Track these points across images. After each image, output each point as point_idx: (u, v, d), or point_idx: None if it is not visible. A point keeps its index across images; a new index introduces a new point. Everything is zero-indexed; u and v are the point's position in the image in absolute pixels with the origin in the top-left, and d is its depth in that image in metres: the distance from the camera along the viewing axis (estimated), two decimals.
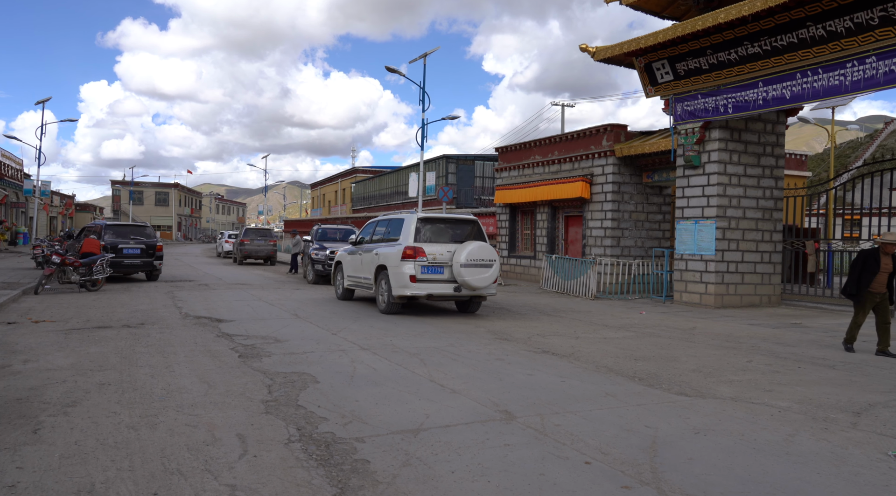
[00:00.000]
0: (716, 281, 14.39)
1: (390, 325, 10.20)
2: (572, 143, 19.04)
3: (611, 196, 17.65)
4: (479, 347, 8.32)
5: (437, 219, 11.61)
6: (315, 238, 19.97)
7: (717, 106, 14.09)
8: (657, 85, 15.46)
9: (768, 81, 12.98)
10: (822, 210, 18.41)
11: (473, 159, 36.15)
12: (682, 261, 15.19)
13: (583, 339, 9.27)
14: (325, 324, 10.23)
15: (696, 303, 14.67)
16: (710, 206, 14.56)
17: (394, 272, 11.29)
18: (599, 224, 18.00)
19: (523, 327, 10.41)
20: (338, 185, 64.51)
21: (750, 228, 14.78)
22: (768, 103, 13.06)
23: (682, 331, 10.38)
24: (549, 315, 12.33)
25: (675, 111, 15.13)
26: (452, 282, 11.24)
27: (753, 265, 14.84)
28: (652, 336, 9.82)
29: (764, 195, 14.98)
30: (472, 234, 11.69)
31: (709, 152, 14.61)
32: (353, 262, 13.41)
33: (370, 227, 13.32)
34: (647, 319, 11.99)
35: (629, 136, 17.86)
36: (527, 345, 8.56)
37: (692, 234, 14.98)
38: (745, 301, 14.74)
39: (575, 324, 11.08)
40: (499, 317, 11.68)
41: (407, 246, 11.14)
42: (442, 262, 11.22)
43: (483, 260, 11.12)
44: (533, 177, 20.60)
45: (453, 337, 9.17)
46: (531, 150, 20.85)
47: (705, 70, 14.16)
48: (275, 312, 11.59)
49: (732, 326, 11.20)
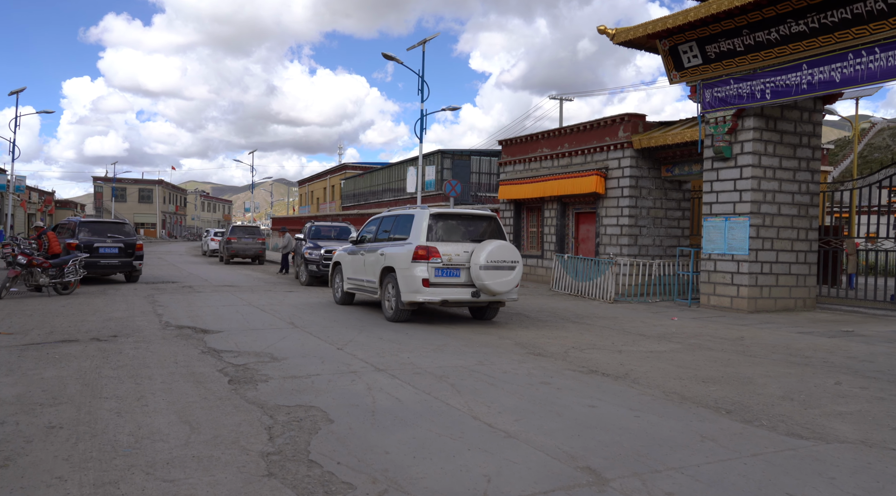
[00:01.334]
0: (749, 283, 13.19)
1: (402, 337, 8.88)
2: (584, 135, 17.78)
3: (628, 191, 16.42)
4: (514, 366, 7.02)
5: (452, 214, 10.30)
6: (308, 236, 18.58)
7: (753, 91, 12.88)
8: (683, 69, 14.23)
9: (814, 63, 11.77)
10: (845, 208, 17.21)
11: (469, 154, 34.87)
12: (711, 261, 13.98)
13: (627, 354, 8.00)
14: (326, 335, 8.89)
15: (727, 308, 13.47)
16: (742, 202, 13.35)
17: (403, 275, 9.96)
18: (615, 221, 16.76)
19: (553, 338, 9.13)
20: (327, 182, 62.99)
21: (785, 226, 13.60)
22: (814, 88, 11.86)
23: (731, 342, 9.15)
24: (573, 322, 11.06)
25: (704, 98, 13.90)
26: (470, 287, 9.93)
27: (788, 266, 13.66)
28: (702, 348, 8.57)
29: (800, 189, 13.80)
30: (490, 231, 10.38)
31: (741, 143, 13.40)
32: (354, 263, 12.06)
33: (373, 224, 11.97)
34: (682, 327, 10.76)
35: (647, 126, 16.64)
36: (568, 363, 7.27)
37: (722, 232, 13.77)
38: (780, 305, 13.56)
39: (607, 333, 9.82)
40: (520, 326, 10.40)
41: (418, 245, 9.81)
42: (458, 264, 9.91)
43: (505, 261, 9.82)
44: (540, 171, 19.33)
45: (479, 352, 7.86)
46: (538, 143, 19.58)
47: (740, 52, 12.94)
48: (268, 320, 10.23)
49: (782, 335, 9.99)
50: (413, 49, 21.80)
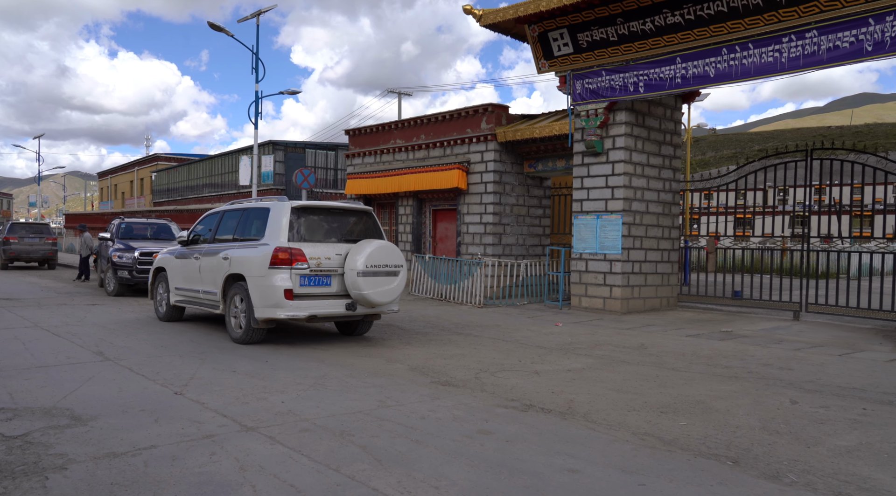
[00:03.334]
0: (622, 283, 12.69)
1: (262, 367, 6.78)
2: (444, 126, 16.50)
3: (492, 187, 15.40)
4: (429, 405, 5.34)
5: (319, 208, 8.32)
6: (116, 235, 15.25)
7: (626, 84, 12.36)
8: (552, 58, 13.42)
9: (689, 57, 11.44)
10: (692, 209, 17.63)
11: (304, 147, 32.30)
12: (582, 261, 13.33)
13: (547, 375, 6.67)
14: (155, 370, 6.53)
15: (600, 309, 12.88)
16: (615, 199, 12.82)
17: (258, 285, 7.81)
18: (478, 219, 15.67)
19: (448, 358, 7.57)
20: (134, 175, 56.13)
21: (652, 224, 13.33)
22: (688, 82, 11.53)
23: (638, 352, 8.24)
24: (456, 333, 9.62)
25: (574, 89, 13.20)
26: (343, 298, 8.05)
27: (655, 265, 13.42)
28: (617, 362, 7.52)
29: (664, 187, 13.63)
30: (365, 229, 8.57)
31: (613, 137, 12.87)
32: (186, 270, 9.57)
33: (210, 220, 9.57)
34: (573, 334, 9.77)
35: (511, 118, 15.74)
36: (491, 396, 5.75)
37: (593, 231, 13.17)
38: (648, 305, 13.27)
39: (504, 346, 8.48)
40: (401, 341, 8.71)
41: (278, 247, 7.72)
42: (329, 270, 7.98)
43: (388, 265, 8.07)
44: (394, 164, 17.73)
45: (371, 385, 6.06)
46: (391, 134, 17.96)
47: (613, 42, 12.35)
48: (65, 350, 7.51)
49: (676, 340, 9.35)
50: (245, 21, 19.11)
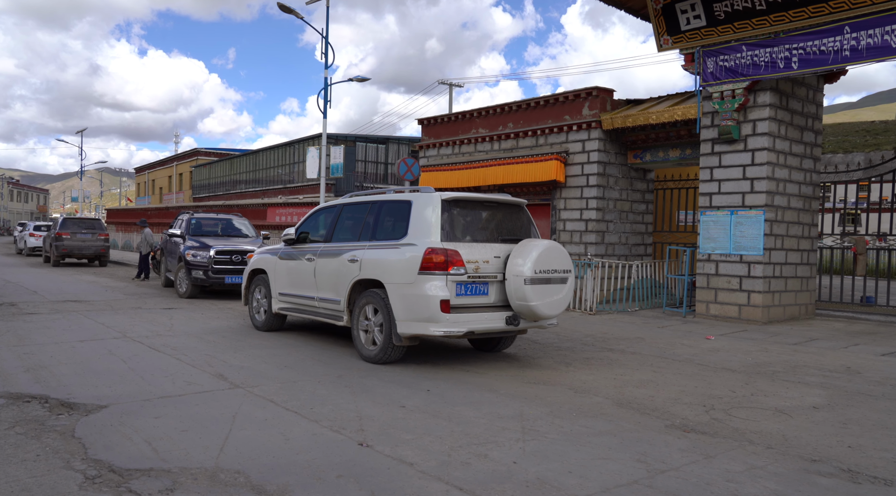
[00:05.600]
0: (763, 288, 11.09)
1: (431, 400, 5.38)
2: (536, 113, 14.99)
3: (595, 179, 13.86)
4: (711, 470, 3.88)
5: (471, 200, 6.88)
6: (187, 232, 14.03)
7: (775, 59, 10.73)
8: (678, 34, 11.85)
9: (862, 25, 9.78)
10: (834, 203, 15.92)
11: (355, 140, 31.02)
12: (711, 262, 11.75)
13: (797, 416, 5.17)
14: (302, 402, 5.16)
15: (733, 318, 11.30)
16: (754, 192, 11.22)
17: (403, 294, 6.41)
18: (578, 215, 14.15)
19: (637, 385, 6.11)
20: (173, 170, 55.52)
21: (793, 221, 11.71)
22: (860, 55, 9.87)
23: (864, 380, 6.69)
24: (605, 348, 8.14)
25: (706, 68, 11.61)
26: (503, 309, 6.61)
27: (795, 267, 11.80)
28: (858, 395, 5.98)
29: (805, 179, 11.99)
30: (522, 226, 7.13)
31: (754, 122, 11.26)
32: (295, 272, 8.22)
33: (324, 216, 8.21)
34: (745, 351, 8.23)
35: (615, 104, 14.18)
36: (770, 451, 4.27)
37: (725, 229, 11.58)
38: (788, 313, 11.65)
39: (682, 368, 6.99)
40: (554, 360, 7.26)
41: (430, 247, 6.31)
42: (487, 275, 6.55)
43: (557, 271, 6.63)
44: (476, 155, 16.27)
45: (596, 431, 4.61)
46: (473, 122, 16.50)
47: (760, 11, 10.74)
48: (177, 371, 6.19)
49: (877, 361, 7.78)
50: (313, 3, 17.77)
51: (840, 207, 13.04)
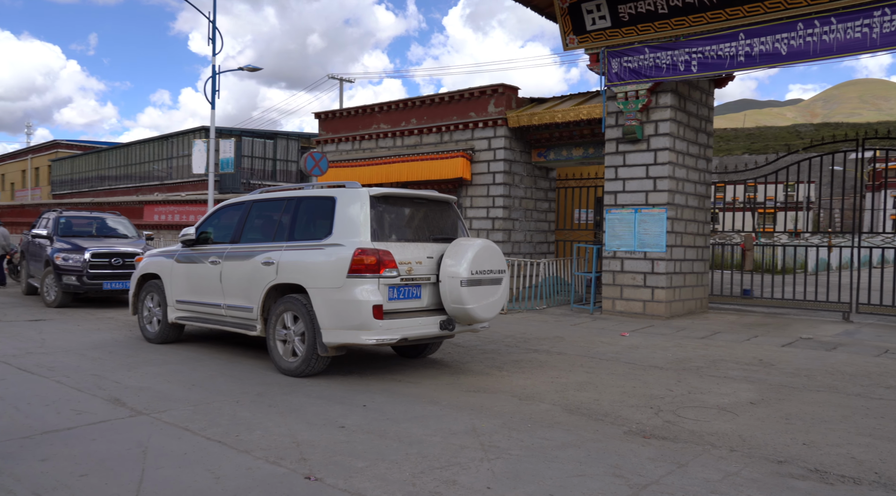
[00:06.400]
0: (666, 284, 11.44)
1: (371, 417, 4.87)
2: (440, 109, 14.69)
3: (501, 177, 13.78)
4: (686, 480, 3.70)
5: (402, 197, 6.40)
6: (55, 232, 12.41)
7: (676, 62, 11.07)
8: (584, 33, 11.97)
9: (755, 32, 10.29)
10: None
11: (240, 134, 29.37)
12: (616, 260, 11.98)
13: (742, 413, 5.18)
14: (225, 429, 4.48)
15: (638, 313, 11.58)
16: (657, 191, 11.54)
17: (329, 299, 5.83)
18: (485, 213, 14.01)
19: (577, 389, 5.94)
20: (27, 164, 50.27)
21: (690, 219, 12.19)
22: (753, 60, 10.37)
23: (781, 372, 6.92)
24: (530, 349, 7.97)
25: (610, 68, 11.80)
26: (436, 313, 6.20)
27: (692, 263, 12.29)
28: (786, 388, 6.14)
29: (700, 179, 12.53)
30: (452, 224, 6.74)
31: (656, 123, 11.58)
32: (196, 277, 7.35)
33: (229, 213, 7.40)
34: (661, 347, 8.36)
35: (520, 102, 14.17)
36: (736, 454, 4.17)
37: (630, 226, 11.84)
38: (686, 307, 12.13)
39: (613, 368, 6.94)
40: (484, 364, 6.96)
41: (361, 248, 5.77)
42: (420, 277, 6.11)
43: (493, 271, 6.30)
44: (378, 151, 15.73)
45: (556, 443, 4.32)
46: (374, 117, 15.94)
47: (662, 15, 11.04)
48: (61, 396, 5.24)
49: (783, 352, 8.16)
50: None
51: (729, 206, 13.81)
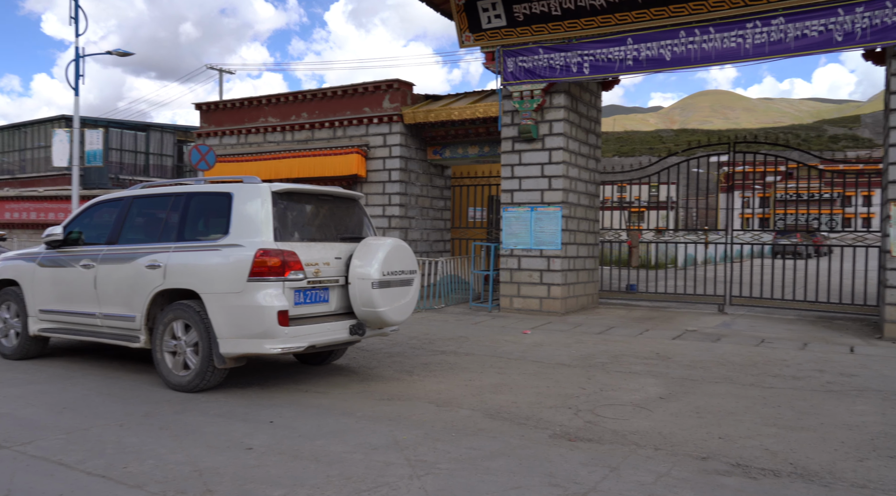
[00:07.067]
0: (561, 281, 11.69)
1: (279, 434, 4.45)
2: (333, 103, 14.17)
3: (397, 175, 13.51)
4: (620, 483, 3.64)
5: (306, 193, 5.96)
6: None
7: (569, 64, 11.32)
8: (480, 31, 11.95)
9: (643, 38, 10.70)
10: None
11: (107, 125, 27.03)
12: (513, 257, 12.08)
13: (657, 410, 5.26)
14: (111, 460, 3.93)
15: (535, 310, 11.75)
16: (553, 189, 11.75)
17: (228, 306, 5.31)
18: (381, 211, 13.68)
19: (493, 392, 5.81)
20: None
21: (582, 217, 12.53)
22: (640, 65, 10.80)
23: (680, 365, 7.19)
24: (437, 351, 7.79)
25: (506, 67, 11.87)
26: (345, 317, 5.83)
27: (584, 260, 12.65)
28: (690, 381, 6.35)
29: (590, 178, 12.91)
30: (359, 223, 6.39)
31: (550, 122, 11.78)
32: (64, 283, 6.49)
33: (110, 209, 6.59)
34: (564, 344, 8.47)
35: (415, 98, 13.96)
36: (659, 452, 4.19)
37: (527, 224, 11.98)
38: (580, 303, 12.46)
39: (523, 367, 6.90)
40: (394, 369, 6.68)
41: (263, 249, 5.29)
42: (328, 280, 5.72)
43: (404, 271, 6.02)
44: (266, 146, 14.95)
45: (484, 453, 4.15)
46: (261, 110, 15.12)
47: (556, 17, 11.23)
48: None
49: (676, 345, 8.52)
50: None
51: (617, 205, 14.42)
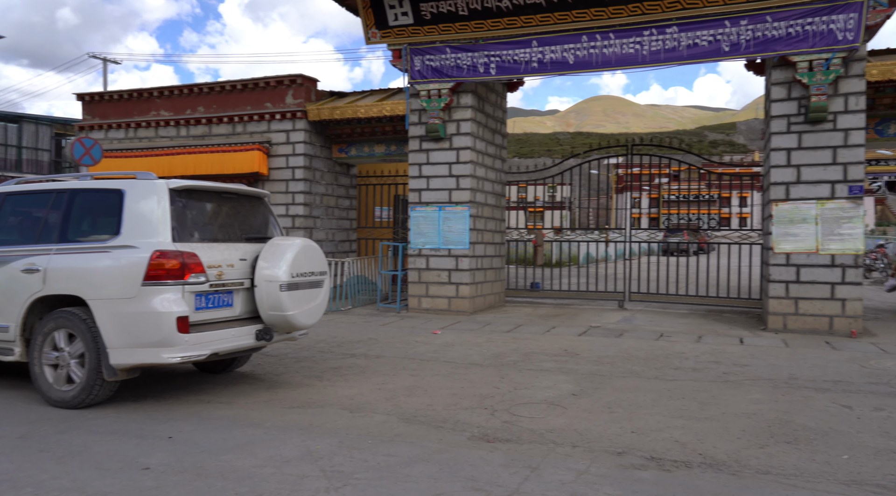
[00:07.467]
0: (470, 280, 11.73)
1: (182, 451, 4.11)
2: (232, 97, 13.51)
3: (301, 173, 13.07)
4: (541, 485, 3.61)
5: (207, 191, 5.56)
6: None
7: (476, 64, 11.37)
8: (387, 28, 11.78)
9: (547, 41, 10.91)
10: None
11: None
12: (422, 257, 12.00)
13: (572, 407, 5.33)
14: None
15: (444, 310, 11.73)
16: (460, 189, 11.76)
17: (119, 313, 4.86)
18: (285, 210, 13.18)
19: (407, 394, 5.69)
20: None
21: (489, 217, 12.64)
22: (545, 67, 11.01)
23: (589, 361, 7.35)
24: (347, 354, 7.57)
25: (413, 66, 11.76)
26: (252, 322, 5.50)
27: (492, 260, 12.77)
28: (599, 376, 6.50)
29: (497, 178, 13.05)
30: (265, 222, 6.06)
31: (458, 122, 11.79)
32: None
33: None
34: (475, 344, 8.48)
35: (320, 95, 13.57)
36: (577, 450, 4.21)
37: (435, 224, 11.94)
38: (487, 302, 12.57)
39: (436, 368, 6.83)
40: (303, 375, 6.41)
41: (159, 250, 4.88)
42: (232, 283, 5.37)
43: (314, 273, 5.77)
44: (158, 141, 14.05)
45: (405, 460, 4.01)
46: (153, 103, 14.19)
47: (463, 17, 11.25)
48: None
49: (583, 341, 8.74)
50: None
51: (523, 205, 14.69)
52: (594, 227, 12.31)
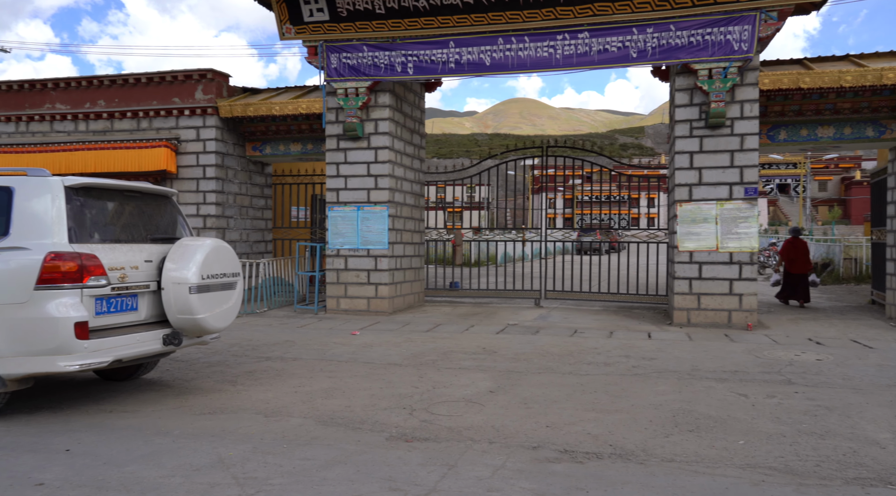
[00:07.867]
0: (389, 281, 11.68)
1: (82, 465, 3.89)
2: (138, 91, 12.84)
3: (213, 171, 12.60)
4: (458, 482, 3.65)
5: (108, 189, 5.26)
6: None
7: (393, 63, 11.34)
8: (302, 24, 11.55)
9: (464, 42, 11.03)
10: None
11: None
12: (340, 257, 11.85)
13: (489, 404, 5.41)
14: None
15: (363, 311, 11.64)
16: (378, 189, 11.70)
17: (10, 319, 4.53)
18: (195, 210, 12.67)
19: (325, 397, 5.61)
20: None
21: (408, 217, 12.64)
22: (462, 68, 11.12)
23: (505, 358, 7.48)
24: (262, 358, 7.38)
25: (329, 63, 11.59)
26: (159, 326, 5.26)
27: (411, 259, 12.77)
28: (516, 373, 6.62)
29: (416, 178, 13.06)
30: (173, 222, 5.79)
31: (376, 121, 11.71)
32: None
33: None
34: (393, 344, 8.46)
35: (232, 91, 13.12)
36: (493, 446, 4.27)
37: (353, 224, 11.81)
38: (407, 302, 12.56)
39: (353, 369, 6.77)
40: (215, 380, 6.19)
41: (54, 252, 4.58)
42: (136, 285, 5.10)
43: (226, 274, 5.57)
44: (53, 136, 13.18)
45: (322, 463, 3.94)
46: (47, 94, 13.29)
47: (379, 15, 11.18)
48: None
49: (501, 339, 8.90)
50: None
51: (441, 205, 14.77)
52: (511, 227, 12.57)
